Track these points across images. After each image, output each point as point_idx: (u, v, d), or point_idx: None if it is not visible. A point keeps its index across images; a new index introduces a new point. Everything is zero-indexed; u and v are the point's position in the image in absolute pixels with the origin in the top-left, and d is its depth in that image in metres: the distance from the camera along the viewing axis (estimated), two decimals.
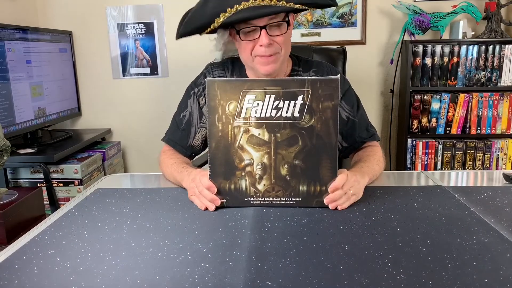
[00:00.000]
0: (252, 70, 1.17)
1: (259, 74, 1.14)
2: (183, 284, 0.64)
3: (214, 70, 1.24)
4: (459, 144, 2.36)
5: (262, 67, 1.10)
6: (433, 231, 0.80)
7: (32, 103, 2.13)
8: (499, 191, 1.01)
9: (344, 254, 0.71)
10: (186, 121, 1.22)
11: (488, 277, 0.64)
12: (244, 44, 1.09)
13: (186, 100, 1.24)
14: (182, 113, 1.23)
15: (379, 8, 2.49)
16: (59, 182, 2.09)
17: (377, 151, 1.17)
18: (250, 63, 1.13)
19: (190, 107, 1.22)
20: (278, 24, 1.07)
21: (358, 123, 1.20)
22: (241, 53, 1.14)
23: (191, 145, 1.21)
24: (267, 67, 1.10)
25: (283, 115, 0.89)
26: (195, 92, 1.23)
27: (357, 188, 0.95)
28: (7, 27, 1.99)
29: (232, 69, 1.24)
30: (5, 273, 0.68)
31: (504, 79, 2.28)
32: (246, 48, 1.09)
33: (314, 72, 1.22)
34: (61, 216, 0.91)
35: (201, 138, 1.22)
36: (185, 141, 1.21)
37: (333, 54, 1.70)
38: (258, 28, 1.05)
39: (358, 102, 1.24)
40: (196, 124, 1.21)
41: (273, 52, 1.08)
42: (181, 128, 1.22)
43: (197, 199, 0.95)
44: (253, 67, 1.13)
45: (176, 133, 1.22)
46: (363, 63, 2.55)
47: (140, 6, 2.54)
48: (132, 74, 2.62)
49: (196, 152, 1.24)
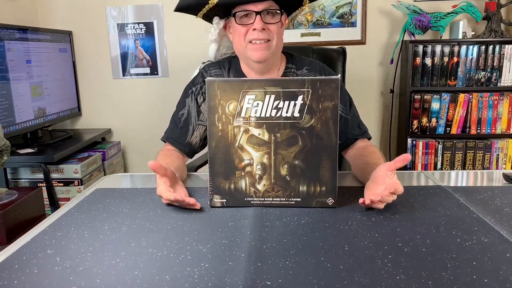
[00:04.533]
0: (245, 62, 1.21)
1: (252, 64, 1.18)
2: (182, 284, 0.64)
3: (210, 69, 1.27)
4: (459, 144, 2.36)
5: (254, 53, 1.14)
6: (433, 231, 0.80)
7: (32, 103, 2.13)
8: (499, 191, 1.01)
9: (344, 254, 0.71)
10: (184, 119, 1.23)
11: (487, 277, 0.64)
12: (238, 29, 1.14)
13: (184, 99, 1.26)
14: (180, 111, 1.25)
15: (379, 8, 2.49)
16: (59, 182, 2.09)
17: (377, 150, 1.17)
18: (243, 50, 1.17)
19: (188, 106, 1.24)
20: (272, 13, 1.13)
21: (350, 120, 1.22)
22: (235, 41, 1.18)
23: (189, 142, 1.23)
24: (259, 53, 1.14)
25: (283, 115, 0.89)
26: (193, 91, 1.25)
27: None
28: (7, 27, 1.99)
29: (228, 67, 1.27)
30: (5, 273, 0.68)
31: (504, 79, 2.28)
32: (240, 33, 1.14)
33: (307, 70, 1.26)
34: (61, 216, 0.91)
35: (199, 136, 1.23)
36: (183, 138, 1.23)
37: (333, 55, 1.70)
38: (253, 14, 1.11)
39: (350, 100, 1.27)
40: (194, 122, 1.23)
41: (265, 37, 1.13)
42: (179, 126, 1.24)
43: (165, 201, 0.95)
44: (245, 55, 1.18)
45: (174, 131, 1.24)
46: (363, 63, 2.55)
47: (140, 6, 2.54)
48: (132, 74, 2.62)
49: (194, 150, 1.25)
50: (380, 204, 0.88)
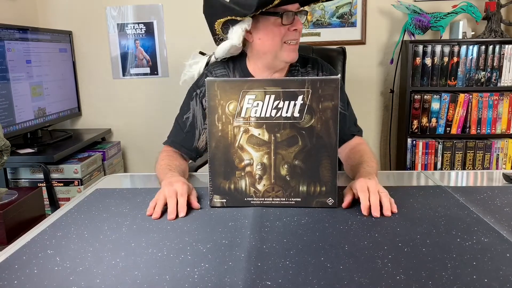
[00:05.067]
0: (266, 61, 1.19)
1: (277, 64, 1.18)
2: (182, 284, 0.64)
3: (215, 69, 1.25)
4: (459, 144, 2.36)
5: (290, 53, 1.15)
6: (433, 231, 0.80)
7: (32, 103, 2.13)
8: (499, 191, 1.01)
9: (344, 254, 0.71)
10: (190, 123, 1.21)
11: (487, 277, 0.64)
12: (276, 29, 1.12)
13: (189, 102, 1.23)
14: (185, 115, 1.22)
15: (379, 8, 2.49)
16: (59, 182, 2.09)
17: (366, 148, 1.18)
18: (275, 51, 1.15)
19: (193, 109, 1.22)
20: (304, 13, 1.15)
21: (348, 116, 1.24)
22: (265, 42, 1.15)
23: (196, 147, 1.21)
24: (294, 53, 1.16)
25: (283, 115, 0.89)
26: (197, 94, 1.23)
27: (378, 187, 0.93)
28: (7, 27, 1.99)
29: (233, 66, 1.25)
30: (4, 273, 0.68)
31: (504, 79, 2.28)
32: (278, 33, 1.13)
33: (310, 68, 1.27)
34: (61, 216, 0.91)
35: (205, 140, 1.21)
36: (190, 143, 1.20)
37: (332, 54, 1.70)
38: (291, 14, 1.11)
39: (348, 99, 1.29)
40: (200, 126, 1.21)
41: (299, 37, 1.15)
42: (185, 131, 1.21)
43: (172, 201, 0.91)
44: (276, 56, 1.16)
45: (180, 135, 1.21)
46: (363, 63, 2.55)
47: (140, 6, 2.54)
48: (132, 74, 2.62)
49: (200, 154, 1.24)
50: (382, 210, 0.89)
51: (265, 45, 1.16)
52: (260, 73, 1.23)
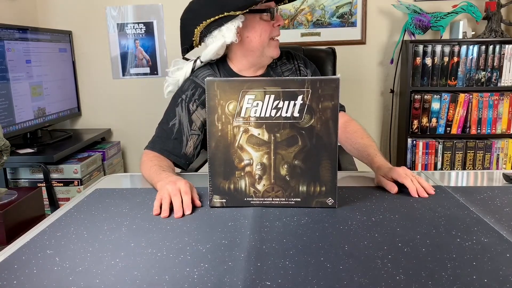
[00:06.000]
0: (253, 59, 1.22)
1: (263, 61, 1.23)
2: (182, 284, 0.64)
3: (201, 72, 1.24)
4: (459, 144, 2.36)
5: (275, 49, 1.21)
6: (433, 231, 0.79)
7: (31, 103, 2.13)
8: (499, 191, 1.01)
9: (344, 254, 0.71)
10: (177, 130, 1.19)
11: (487, 277, 0.63)
12: (264, 26, 1.17)
13: (174, 108, 1.22)
14: (171, 122, 1.20)
15: (379, 8, 2.49)
16: (59, 182, 2.09)
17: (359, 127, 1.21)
18: (262, 47, 1.20)
19: (179, 115, 1.20)
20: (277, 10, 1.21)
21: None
22: (254, 39, 1.19)
23: (185, 153, 1.19)
24: (278, 49, 1.22)
25: (282, 115, 0.89)
26: (183, 99, 1.21)
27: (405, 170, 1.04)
28: (7, 27, 1.99)
29: (217, 68, 1.26)
30: (4, 273, 0.68)
31: (504, 79, 2.28)
32: (267, 29, 1.18)
33: (285, 59, 1.32)
34: (61, 216, 0.91)
35: (193, 146, 1.20)
36: (178, 150, 1.18)
37: (321, 55, 1.70)
38: (275, 10, 1.17)
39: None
40: (187, 132, 1.19)
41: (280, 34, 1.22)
42: (172, 138, 1.19)
43: (178, 199, 0.92)
44: (263, 52, 1.21)
45: (167, 142, 1.18)
46: (363, 63, 2.55)
47: (140, 6, 2.54)
48: (132, 74, 2.62)
49: (189, 161, 1.21)
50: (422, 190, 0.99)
51: (253, 42, 1.19)
52: (246, 72, 1.24)
